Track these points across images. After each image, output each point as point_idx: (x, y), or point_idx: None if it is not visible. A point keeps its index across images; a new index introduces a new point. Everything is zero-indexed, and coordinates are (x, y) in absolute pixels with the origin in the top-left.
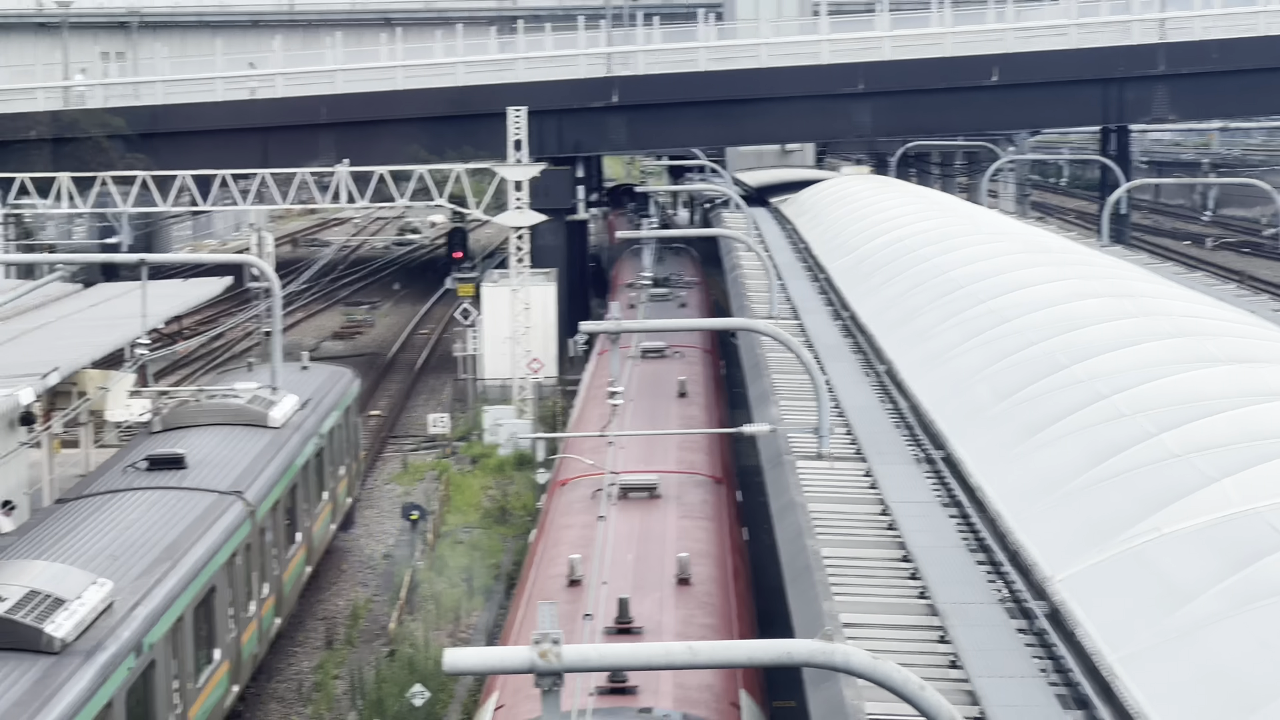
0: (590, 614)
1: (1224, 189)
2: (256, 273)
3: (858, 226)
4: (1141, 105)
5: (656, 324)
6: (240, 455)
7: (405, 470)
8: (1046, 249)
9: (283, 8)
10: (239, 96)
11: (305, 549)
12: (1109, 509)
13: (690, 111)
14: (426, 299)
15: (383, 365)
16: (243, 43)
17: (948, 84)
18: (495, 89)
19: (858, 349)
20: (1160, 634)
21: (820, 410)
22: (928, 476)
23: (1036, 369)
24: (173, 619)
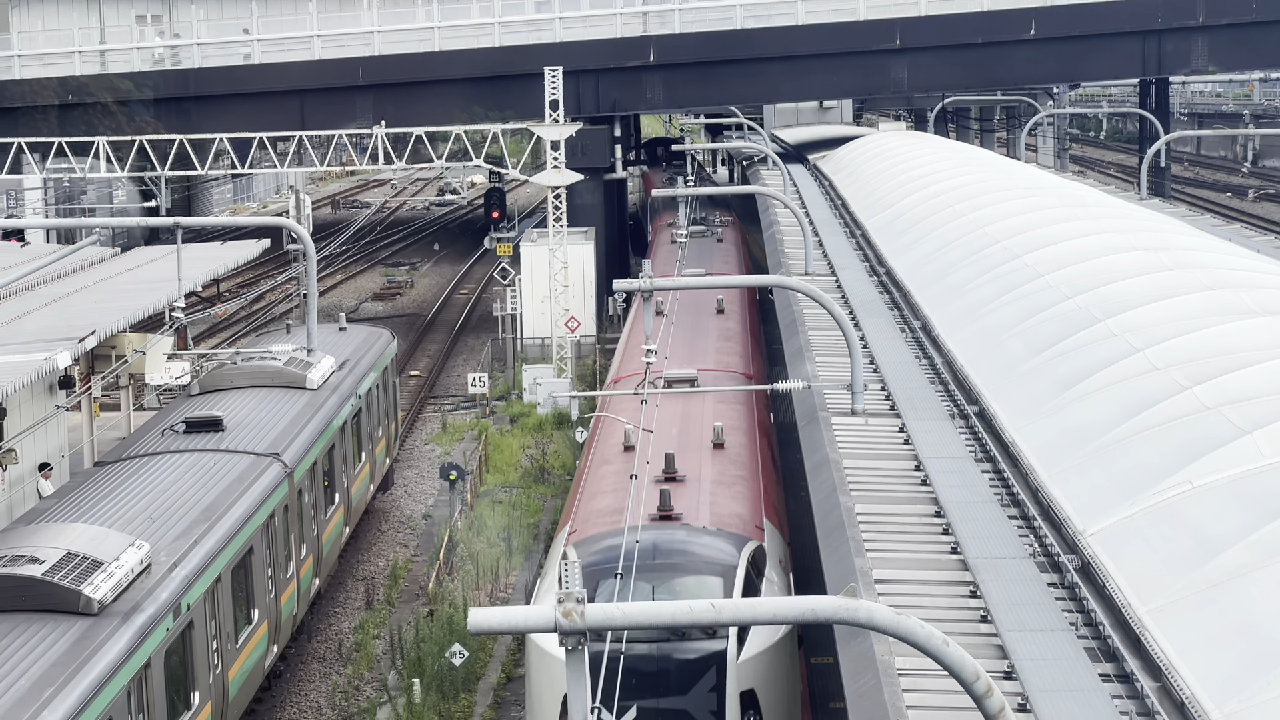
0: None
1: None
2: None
3: (894, 182)
4: (1180, 57)
5: (691, 281)
6: (278, 417)
7: (444, 430)
8: (1083, 203)
9: None
10: (277, 59)
11: (344, 510)
12: (1141, 462)
13: (727, 70)
14: (466, 259)
15: (422, 325)
16: (279, 6)
17: (985, 38)
18: (532, 49)
19: (893, 305)
20: (1190, 586)
21: (854, 367)
22: (961, 432)
23: (1070, 324)
24: (210, 580)
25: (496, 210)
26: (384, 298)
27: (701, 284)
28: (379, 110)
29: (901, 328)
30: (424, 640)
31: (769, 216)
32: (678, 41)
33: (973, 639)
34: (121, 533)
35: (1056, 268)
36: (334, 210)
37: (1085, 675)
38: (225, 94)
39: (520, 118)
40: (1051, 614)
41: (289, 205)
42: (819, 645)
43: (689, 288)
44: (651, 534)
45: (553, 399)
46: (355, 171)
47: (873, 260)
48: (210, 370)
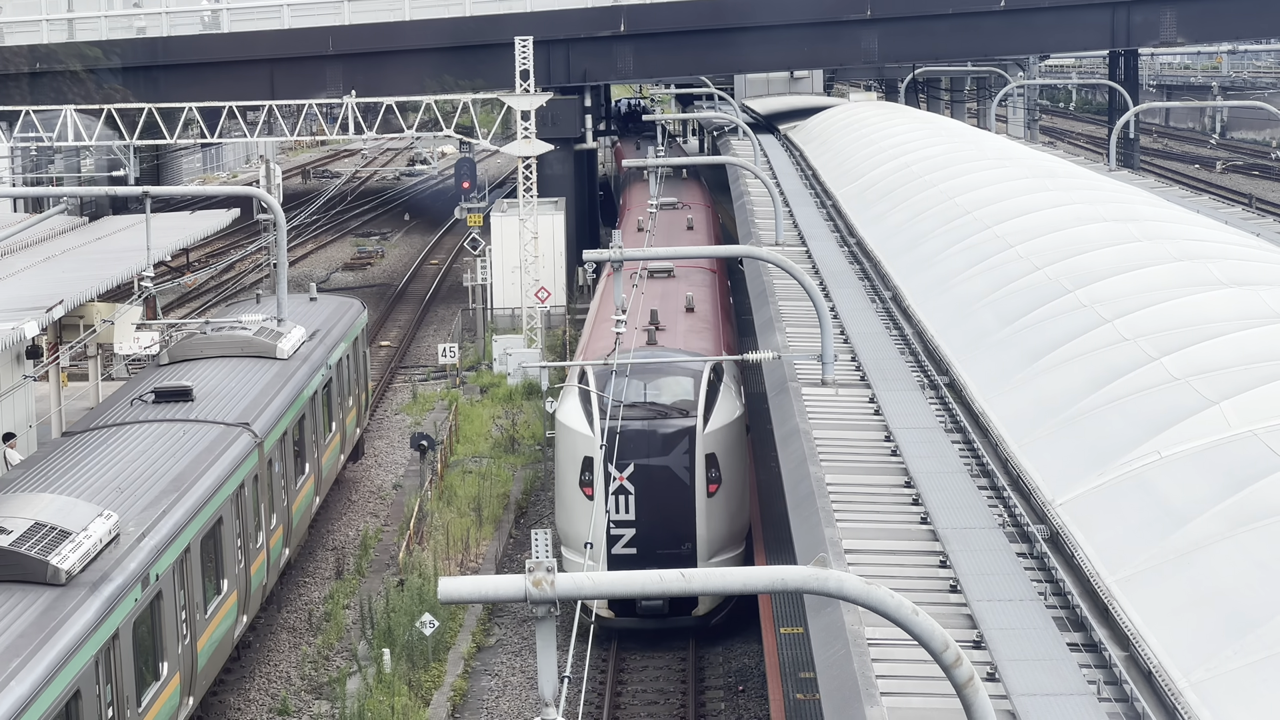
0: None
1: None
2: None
3: (865, 153)
4: (1149, 28)
5: (662, 251)
6: (248, 387)
7: (414, 400)
8: (1052, 174)
9: None
10: (247, 27)
11: (314, 480)
12: (1109, 433)
13: (698, 39)
14: (436, 230)
15: (392, 296)
16: None
17: (955, 9)
18: (502, 19)
19: (864, 275)
20: (1158, 556)
21: (824, 337)
22: (931, 402)
23: (1039, 294)
24: (179, 550)
25: (467, 180)
26: (354, 268)
27: (672, 254)
28: (349, 80)
29: (872, 298)
30: (394, 610)
31: (739, 187)
32: (648, 11)
33: (942, 609)
34: (89, 503)
35: (1026, 238)
36: (304, 180)
37: (1053, 644)
38: (194, 63)
39: (491, 88)
40: (1020, 584)
41: (259, 175)
42: (789, 617)
43: (659, 258)
44: (642, 353)
45: (523, 369)
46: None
47: (843, 231)
48: (179, 340)
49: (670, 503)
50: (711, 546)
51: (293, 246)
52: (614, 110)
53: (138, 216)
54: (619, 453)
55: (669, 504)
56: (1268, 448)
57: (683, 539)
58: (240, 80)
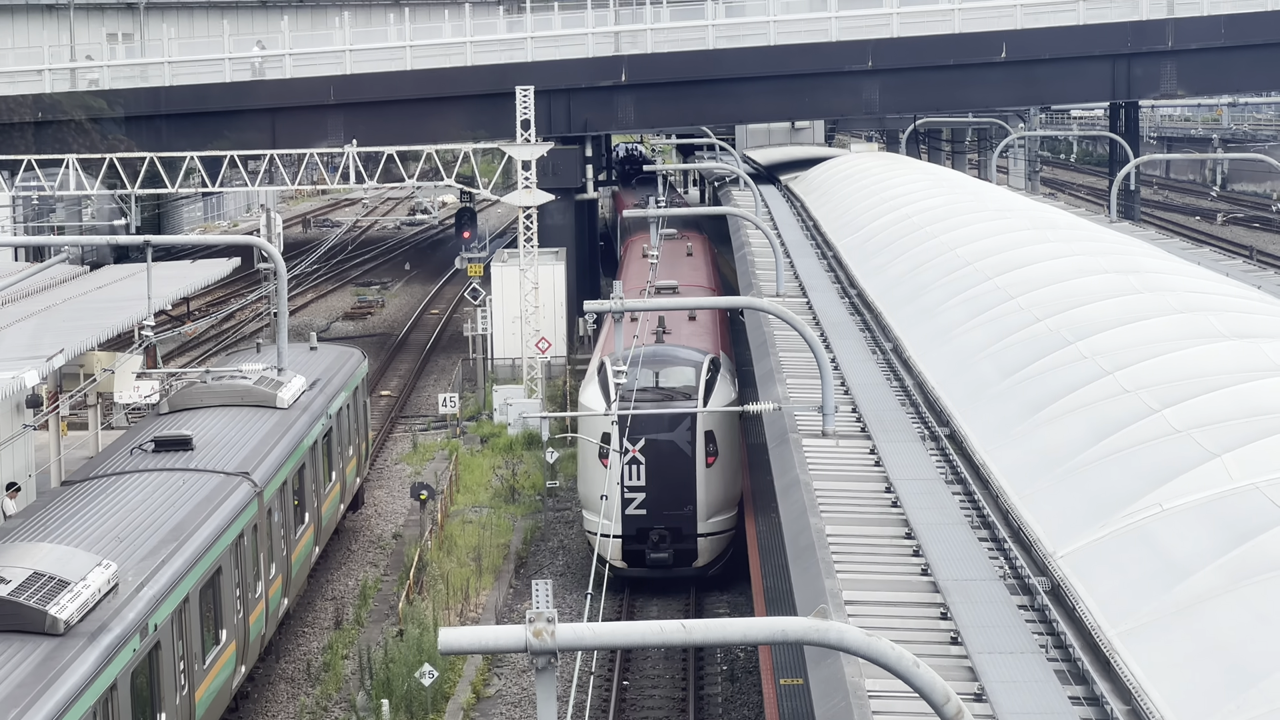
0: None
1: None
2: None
3: (866, 204)
4: (1150, 81)
5: (662, 303)
6: (248, 436)
7: (415, 450)
8: (1054, 225)
9: None
10: (247, 77)
11: (313, 529)
12: (1110, 485)
13: (699, 90)
14: (437, 279)
15: (393, 345)
16: (250, 24)
17: (956, 61)
18: (504, 68)
19: (864, 326)
20: (1159, 609)
21: (825, 388)
22: (932, 454)
23: (1040, 346)
24: (178, 600)
25: (468, 230)
26: (355, 317)
27: (672, 305)
28: (350, 129)
29: (873, 349)
30: (393, 660)
31: (740, 237)
32: (650, 61)
33: (943, 661)
34: (88, 552)
35: (1027, 290)
36: (305, 229)
37: (1055, 698)
38: (196, 112)
39: (492, 137)
40: (1022, 636)
41: (260, 224)
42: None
43: (659, 309)
44: (652, 349)
45: (523, 420)
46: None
47: (844, 282)
48: (179, 389)
49: (675, 471)
50: (709, 509)
51: (293, 295)
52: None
53: (139, 265)
54: (632, 429)
55: (674, 472)
56: (1269, 501)
57: (685, 502)
58: (242, 129)
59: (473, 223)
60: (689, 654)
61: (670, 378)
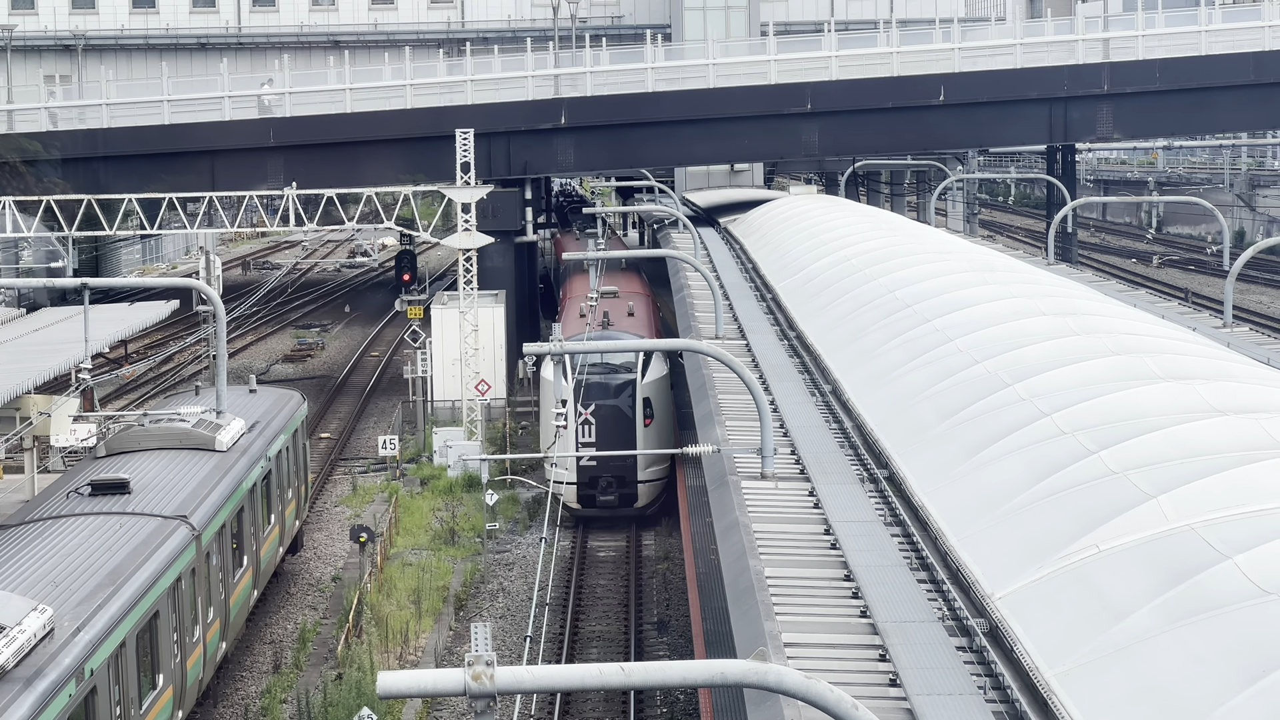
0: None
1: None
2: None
3: (805, 246)
4: (1086, 124)
5: (601, 346)
6: (186, 479)
7: (354, 492)
8: (992, 267)
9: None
10: (187, 119)
11: (252, 573)
12: (1048, 526)
13: (638, 132)
14: (376, 321)
15: (333, 387)
16: (189, 66)
17: (895, 103)
18: (443, 111)
19: (804, 369)
20: (1097, 650)
21: (764, 430)
22: (871, 496)
23: (979, 388)
24: (115, 645)
25: (407, 272)
26: (295, 360)
27: (611, 348)
28: (290, 171)
29: (812, 391)
30: (332, 704)
31: (679, 280)
32: (589, 104)
33: (882, 703)
34: (24, 597)
35: (966, 332)
36: (244, 271)
37: None
38: (135, 154)
39: (431, 180)
40: (960, 678)
41: (199, 266)
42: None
43: (598, 351)
44: (600, 334)
45: (463, 462)
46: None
47: (783, 324)
48: (117, 432)
49: (619, 430)
50: (647, 460)
51: (232, 338)
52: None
53: (76, 308)
54: (585, 396)
55: (618, 431)
56: (1204, 542)
57: (627, 455)
58: (180, 172)
59: (412, 265)
60: (629, 696)
61: (615, 356)
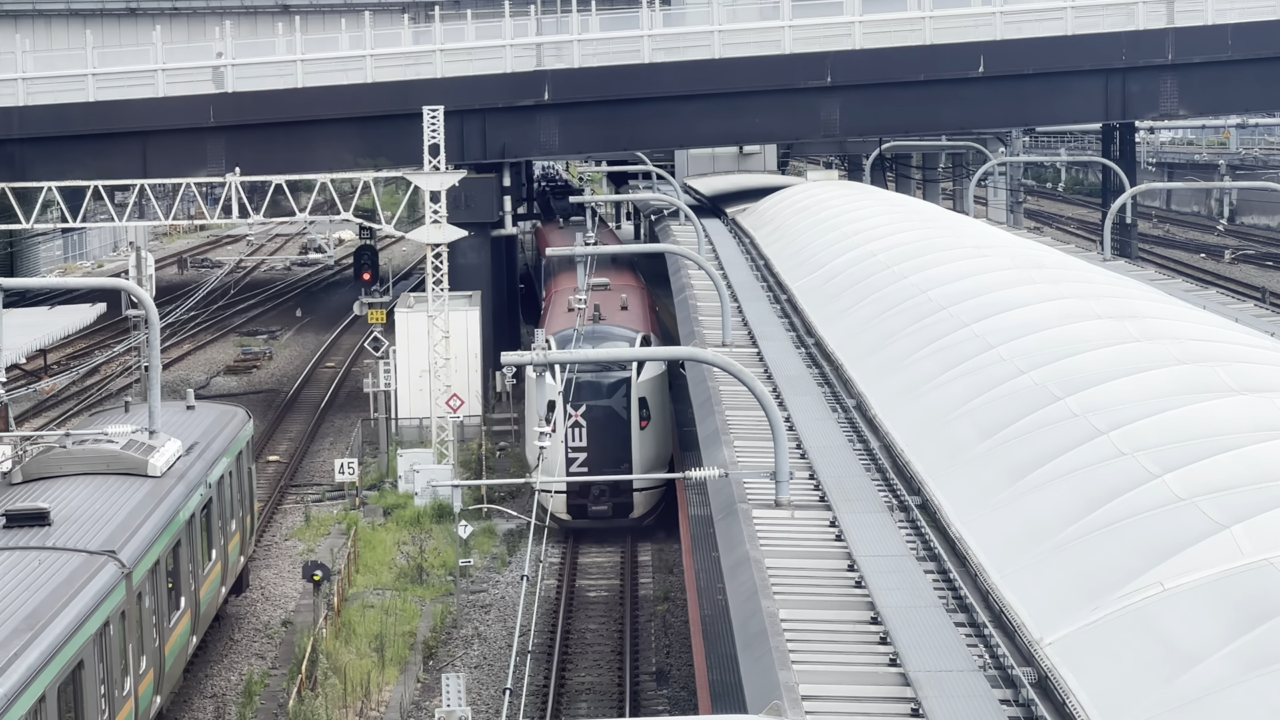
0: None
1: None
2: (134, 299)
3: (825, 240)
4: (1147, 99)
5: (591, 354)
6: (114, 509)
7: (307, 524)
8: (1039, 264)
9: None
10: (115, 95)
11: (191, 616)
12: (1106, 561)
13: (633, 109)
14: (332, 327)
15: (282, 403)
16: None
17: (928, 76)
18: (409, 86)
19: (823, 380)
20: (1162, 703)
21: (778, 451)
22: (901, 526)
23: (1025, 402)
24: (33, 700)
25: (368, 271)
26: (238, 371)
27: (604, 356)
28: (233, 155)
29: (833, 407)
30: None
31: (681, 279)
32: (577, 77)
33: None
34: None
35: (1010, 338)
36: (181, 270)
37: None
38: (56, 136)
39: (395, 165)
40: None
41: (128, 264)
42: None
43: (587, 360)
44: (591, 328)
45: (432, 488)
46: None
47: (800, 329)
48: (35, 455)
49: (613, 434)
50: (643, 466)
51: (167, 347)
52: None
53: None
54: (575, 396)
55: (612, 434)
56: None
57: (621, 461)
58: (108, 156)
59: (374, 263)
60: None
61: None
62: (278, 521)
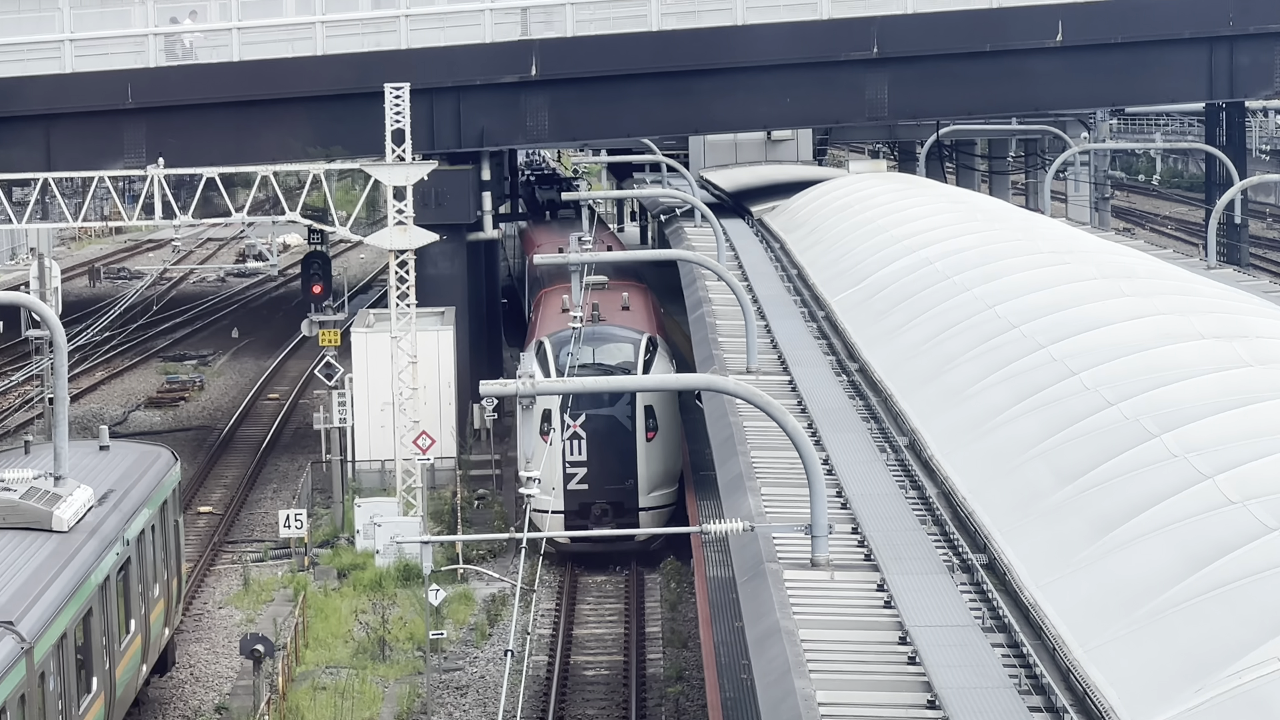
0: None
1: None
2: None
3: (872, 244)
4: (1260, 73)
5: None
6: (11, 571)
7: (246, 589)
8: (1130, 273)
9: None
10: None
11: (105, 700)
12: (1212, 632)
13: (638, 87)
14: (276, 351)
15: (216, 443)
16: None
17: (996, 45)
18: (368, 59)
19: (869, 415)
20: None
21: (815, 500)
22: (964, 590)
23: (1114, 440)
24: None
25: (319, 283)
26: (163, 404)
27: (605, 386)
28: (156, 144)
29: (881, 446)
30: None
31: (696, 292)
32: (570, 48)
33: None
34: None
35: (1095, 363)
36: (93, 282)
37: None
38: None
39: (351, 154)
40: None
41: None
42: None
43: (585, 390)
44: (591, 327)
45: (397, 545)
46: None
47: (841, 352)
48: None
49: (616, 447)
50: (650, 483)
51: (76, 375)
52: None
53: None
54: (573, 405)
55: (615, 448)
56: None
57: (626, 477)
58: (4, 144)
59: (326, 273)
60: None
61: (609, 354)
62: (210, 586)
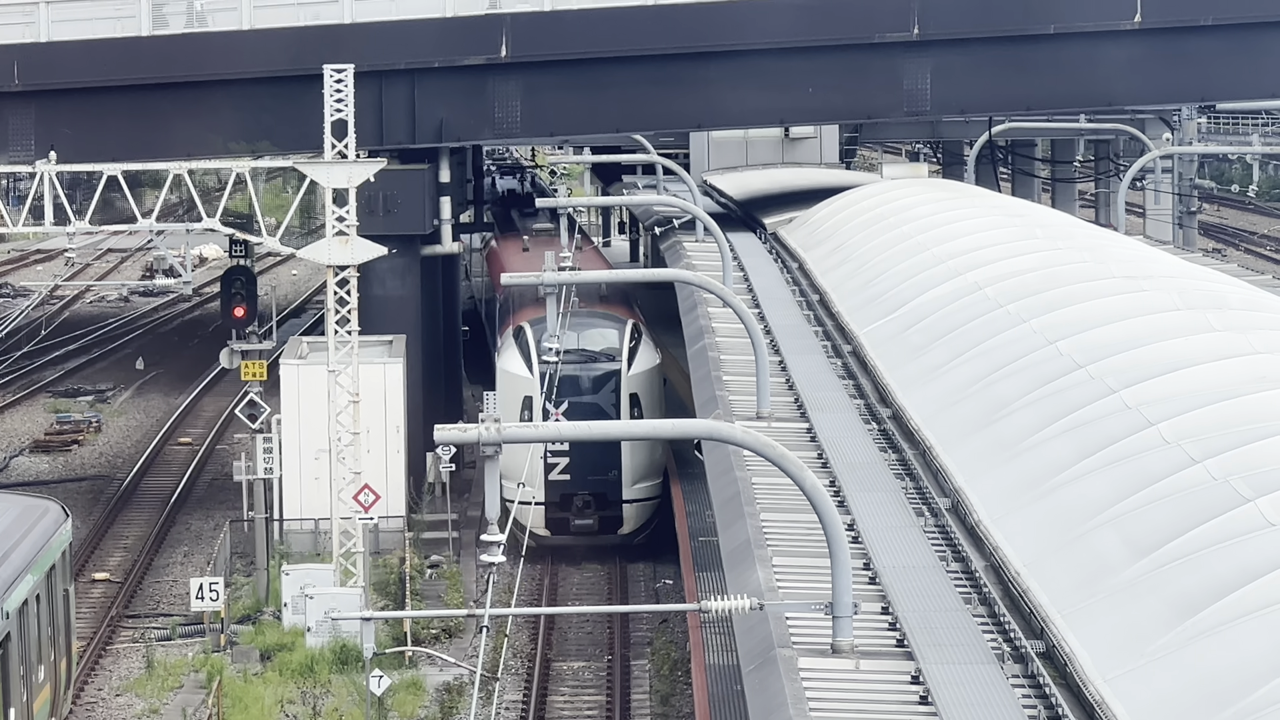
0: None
1: None
2: None
3: (908, 265)
4: None
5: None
6: None
7: (150, 672)
8: (1220, 303)
9: None
10: None
11: None
12: None
13: (629, 72)
14: (189, 385)
15: (115, 496)
16: None
17: (1060, 27)
18: (305, 34)
19: (904, 471)
20: None
21: (837, 574)
22: (1016, 685)
23: (1200, 505)
24: None
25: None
26: (52, 448)
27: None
28: (46, 134)
29: (919, 509)
30: None
31: (697, 320)
32: (548, 24)
33: None
34: None
35: (1178, 411)
36: None
37: None
38: None
39: (283, 149)
40: None
41: None
42: None
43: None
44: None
45: (332, 622)
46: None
47: (871, 395)
48: None
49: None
50: (634, 475)
51: None
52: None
53: None
54: (556, 392)
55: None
56: None
57: (609, 468)
58: None
59: (250, 292)
60: None
61: (592, 340)
62: (106, 668)
